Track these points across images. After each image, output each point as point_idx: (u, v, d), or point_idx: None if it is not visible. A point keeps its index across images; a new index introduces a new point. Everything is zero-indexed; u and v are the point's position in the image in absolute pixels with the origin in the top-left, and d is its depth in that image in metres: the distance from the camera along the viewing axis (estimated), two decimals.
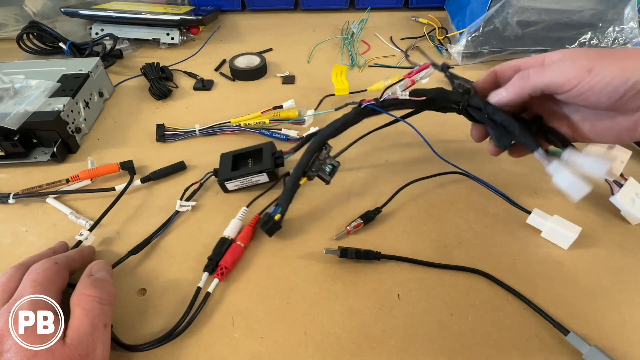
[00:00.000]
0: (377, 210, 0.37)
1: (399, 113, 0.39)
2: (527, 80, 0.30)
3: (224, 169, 0.40)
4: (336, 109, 0.45)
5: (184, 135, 0.48)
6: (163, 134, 0.48)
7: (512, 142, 0.35)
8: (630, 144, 0.45)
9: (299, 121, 0.50)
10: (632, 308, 0.31)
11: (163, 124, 0.49)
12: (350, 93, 0.54)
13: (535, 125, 0.35)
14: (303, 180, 0.36)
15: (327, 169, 0.36)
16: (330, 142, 0.37)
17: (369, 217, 0.37)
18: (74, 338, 0.24)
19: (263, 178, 0.40)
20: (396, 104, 0.37)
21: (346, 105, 0.42)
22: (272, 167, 0.39)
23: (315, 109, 0.51)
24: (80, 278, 0.28)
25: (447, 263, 0.34)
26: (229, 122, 0.49)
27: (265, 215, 0.36)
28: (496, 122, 0.34)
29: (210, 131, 0.49)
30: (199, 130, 0.48)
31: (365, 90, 0.54)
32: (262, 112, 0.49)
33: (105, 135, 0.50)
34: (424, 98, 0.36)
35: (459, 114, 0.37)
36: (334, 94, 0.54)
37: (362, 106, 0.37)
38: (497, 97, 0.33)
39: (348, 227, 0.36)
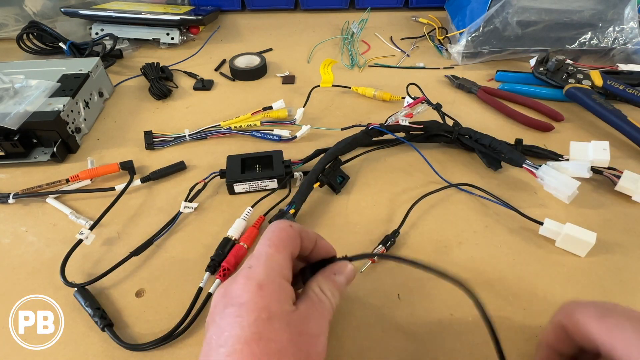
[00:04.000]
0: (396, 233, 0.36)
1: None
2: None
3: (233, 171, 0.41)
4: (343, 129, 0.48)
5: (173, 142, 0.48)
6: (152, 142, 0.47)
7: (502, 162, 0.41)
8: (628, 142, 0.45)
9: (289, 121, 0.50)
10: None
11: (151, 130, 0.48)
12: (333, 85, 0.57)
13: (519, 146, 0.42)
14: (316, 185, 0.39)
15: (338, 180, 0.41)
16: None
17: (389, 241, 0.35)
18: (305, 313, 0.21)
19: (272, 184, 0.41)
20: (398, 129, 0.44)
21: (353, 126, 0.48)
22: (284, 175, 0.40)
23: (304, 104, 0.51)
24: (325, 270, 0.25)
25: (446, 267, 0.34)
26: (219, 125, 0.49)
27: (279, 211, 0.37)
28: (485, 145, 0.42)
29: (201, 135, 0.48)
30: (189, 135, 0.48)
31: (349, 87, 0.56)
32: (251, 114, 0.50)
33: (105, 135, 0.50)
34: (422, 126, 0.44)
35: (450, 142, 0.45)
36: (319, 85, 0.55)
37: (370, 127, 0.44)
38: None
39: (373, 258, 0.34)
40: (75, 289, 0.32)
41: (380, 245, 0.35)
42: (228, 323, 0.19)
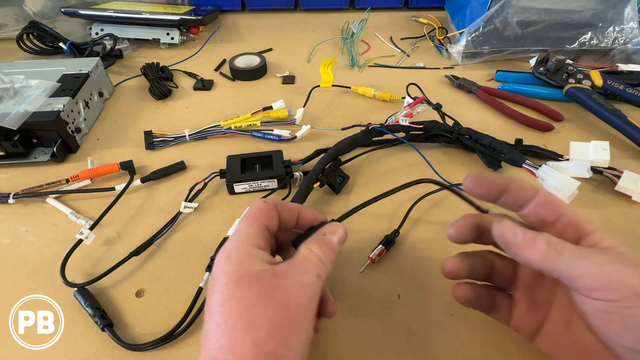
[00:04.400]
0: (396, 233, 0.36)
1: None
2: (557, 257, 0.21)
3: (233, 171, 0.41)
4: (343, 129, 0.48)
5: (173, 142, 0.48)
6: (152, 142, 0.47)
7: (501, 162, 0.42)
8: (628, 142, 0.45)
9: (289, 121, 0.50)
10: None
11: (151, 130, 0.48)
12: (333, 85, 0.57)
13: (519, 146, 0.42)
14: (316, 185, 0.39)
15: (338, 180, 0.40)
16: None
17: (389, 241, 0.35)
18: (284, 270, 0.22)
19: (272, 184, 0.41)
20: (398, 129, 0.44)
21: (353, 126, 0.48)
22: (284, 175, 0.40)
23: (304, 104, 0.52)
24: (315, 233, 0.26)
25: None
26: (219, 125, 0.49)
27: None
28: (485, 145, 0.42)
29: (201, 135, 0.48)
30: (189, 135, 0.48)
31: (349, 87, 0.56)
32: (251, 114, 0.50)
33: (105, 135, 0.50)
34: (422, 126, 0.44)
35: (450, 142, 0.45)
36: (319, 85, 0.56)
37: (370, 127, 0.44)
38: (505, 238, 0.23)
39: (371, 256, 0.34)
40: (75, 289, 0.32)
41: (380, 246, 0.35)
42: (209, 295, 0.22)
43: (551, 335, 0.25)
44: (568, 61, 0.53)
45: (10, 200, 0.40)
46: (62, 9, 0.67)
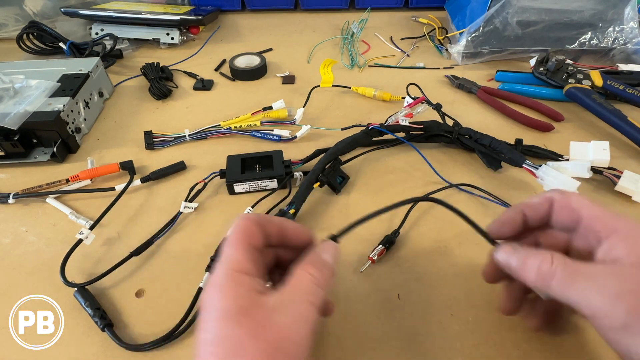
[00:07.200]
0: (396, 233, 0.36)
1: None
2: (549, 279, 0.21)
3: (233, 171, 0.41)
4: (343, 129, 0.48)
5: (173, 142, 0.47)
6: (152, 142, 0.47)
7: (502, 162, 0.42)
8: (628, 142, 0.45)
9: (289, 121, 0.50)
10: None
11: (151, 130, 0.48)
12: (333, 85, 0.57)
13: (519, 146, 0.42)
14: (316, 185, 0.39)
15: (338, 180, 0.41)
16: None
17: (389, 241, 0.35)
18: (277, 302, 0.21)
19: (272, 184, 0.41)
20: (398, 129, 0.45)
21: (353, 126, 0.48)
22: (284, 175, 0.40)
23: (304, 104, 0.52)
24: (307, 253, 0.25)
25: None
26: (219, 125, 0.49)
27: (279, 211, 0.37)
28: (485, 145, 0.42)
29: (201, 135, 0.48)
30: (189, 135, 0.48)
31: (349, 87, 0.56)
32: (251, 114, 0.50)
33: (105, 135, 0.50)
34: (422, 126, 0.44)
35: (450, 142, 0.45)
36: (319, 85, 0.56)
37: (370, 127, 0.44)
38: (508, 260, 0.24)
39: (371, 256, 0.34)
40: (75, 289, 0.32)
41: (380, 246, 0.35)
42: (198, 329, 0.21)
43: None
44: (568, 61, 0.53)
45: (10, 200, 0.40)
46: (62, 9, 0.67)
